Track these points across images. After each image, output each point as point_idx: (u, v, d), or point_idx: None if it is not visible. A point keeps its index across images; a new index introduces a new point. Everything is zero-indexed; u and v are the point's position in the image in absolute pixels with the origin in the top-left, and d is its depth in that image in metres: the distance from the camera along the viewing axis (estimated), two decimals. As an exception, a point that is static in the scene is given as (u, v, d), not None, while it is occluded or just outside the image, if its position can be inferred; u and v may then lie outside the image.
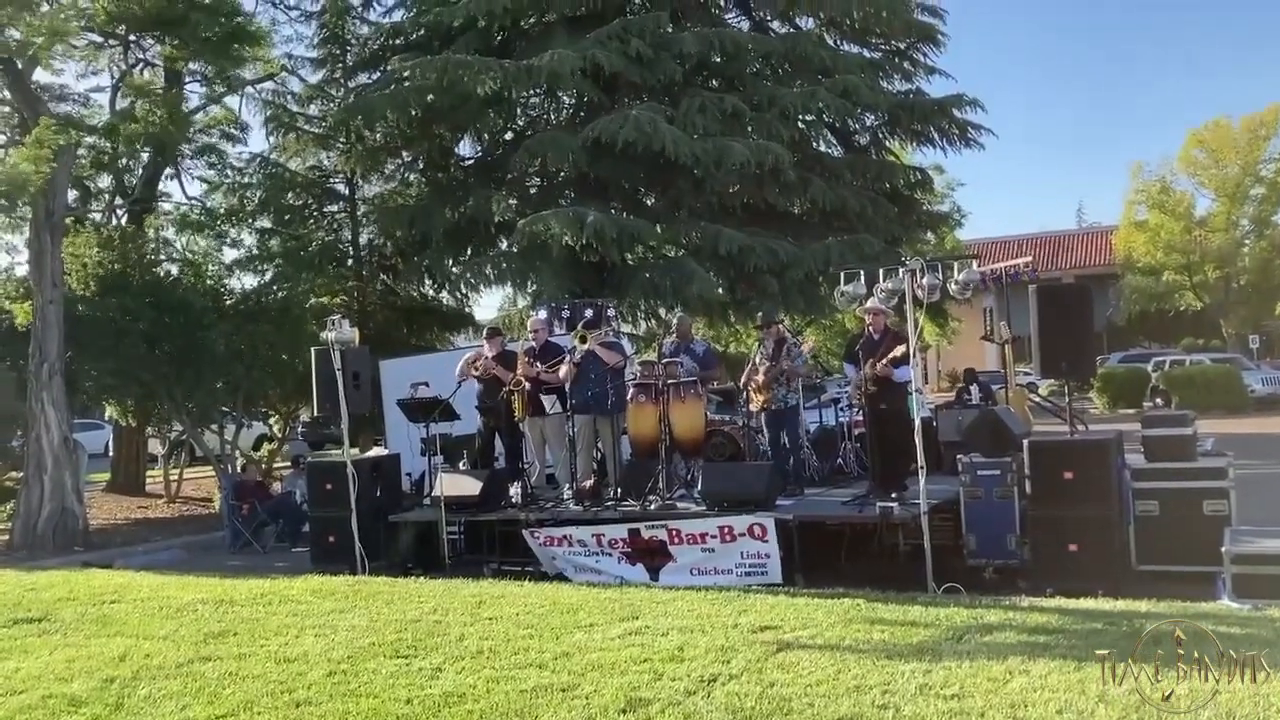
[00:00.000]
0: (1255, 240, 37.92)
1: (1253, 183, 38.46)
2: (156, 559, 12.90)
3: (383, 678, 5.96)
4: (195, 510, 17.69)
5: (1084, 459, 8.01)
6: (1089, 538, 7.93)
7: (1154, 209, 39.43)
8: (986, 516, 8.70)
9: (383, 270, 22.09)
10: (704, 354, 11.23)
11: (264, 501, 13.73)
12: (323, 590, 9.19)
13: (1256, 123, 37.93)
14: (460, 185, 20.97)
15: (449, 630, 7.18)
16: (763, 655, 5.99)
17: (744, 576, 8.98)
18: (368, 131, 20.79)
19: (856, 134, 22.19)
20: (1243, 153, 38.06)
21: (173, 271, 17.29)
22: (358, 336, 10.88)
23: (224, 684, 6.04)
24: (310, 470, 11.66)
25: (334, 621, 7.73)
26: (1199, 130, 39.23)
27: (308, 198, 21.53)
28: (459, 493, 10.30)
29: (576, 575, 9.66)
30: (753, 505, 9.07)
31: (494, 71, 17.87)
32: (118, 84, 19.91)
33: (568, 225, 16.98)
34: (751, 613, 7.22)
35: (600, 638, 6.69)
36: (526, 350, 10.90)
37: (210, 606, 8.63)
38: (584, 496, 10.09)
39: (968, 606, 7.10)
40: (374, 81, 21.33)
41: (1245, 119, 38.31)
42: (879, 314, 9.41)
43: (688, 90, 18.95)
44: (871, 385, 9.25)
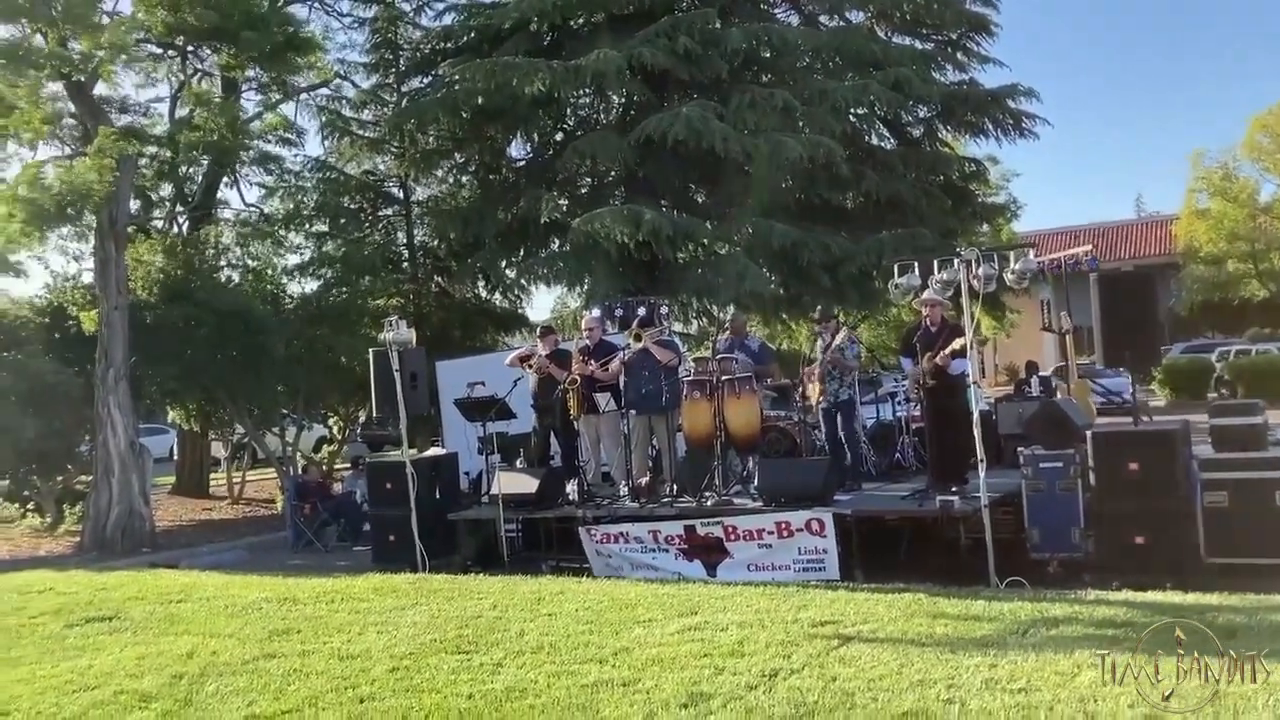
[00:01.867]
0: (1322, 226, 36.94)
1: (1320, 167, 37.53)
2: (221, 559, 13.11)
3: (444, 674, 6.00)
4: (258, 511, 17.98)
5: (1150, 450, 7.87)
6: (1156, 530, 7.78)
7: (1216, 196, 38.60)
8: (1049, 509, 8.59)
9: (437, 272, 22.29)
10: (759, 350, 11.18)
11: (325, 502, 13.91)
12: (384, 588, 9.27)
13: (1323, 106, 37.01)
14: (511, 186, 21.09)
15: (509, 626, 7.21)
16: (824, 650, 5.94)
17: (801, 572, 8.93)
18: (420, 135, 21.01)
19: (909, 126, 21.98)
20: (1309, 137, 37.16)
21: (234, 278, 17.55)
22: (415, 337, 10.96)
23: (288, 680, 6.12)
24: (370, 470, 11.80)
25: (395, 618, 7.80)
26: (1263, 115, 38.29)
27: (363, 201, 21.79)
28: (516, 491, 10.36)
29: (632, 572, 9.66)
30: (810, 501, 9.02)
31: (542, 73, 17.94)
32: (176, 94, 20.32)
33: (623, 223, 17.00)
34: (811, 608, 7.16)
35: (659, 633, 6.68)
36: (581, 348, 10.93)
37: (274, 605, 8.75)
38: (640, 493, 10.10)
39: (1032, 600, 6.99)
40: (426, 85, 21.57)
41: (1312, 103, 37.40)
42: (935, 306, 9.30)
43: (737, 86, 18.89)
44: (929, 378, 9.15)
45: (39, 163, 14.58)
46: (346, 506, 13.85)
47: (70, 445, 15.93)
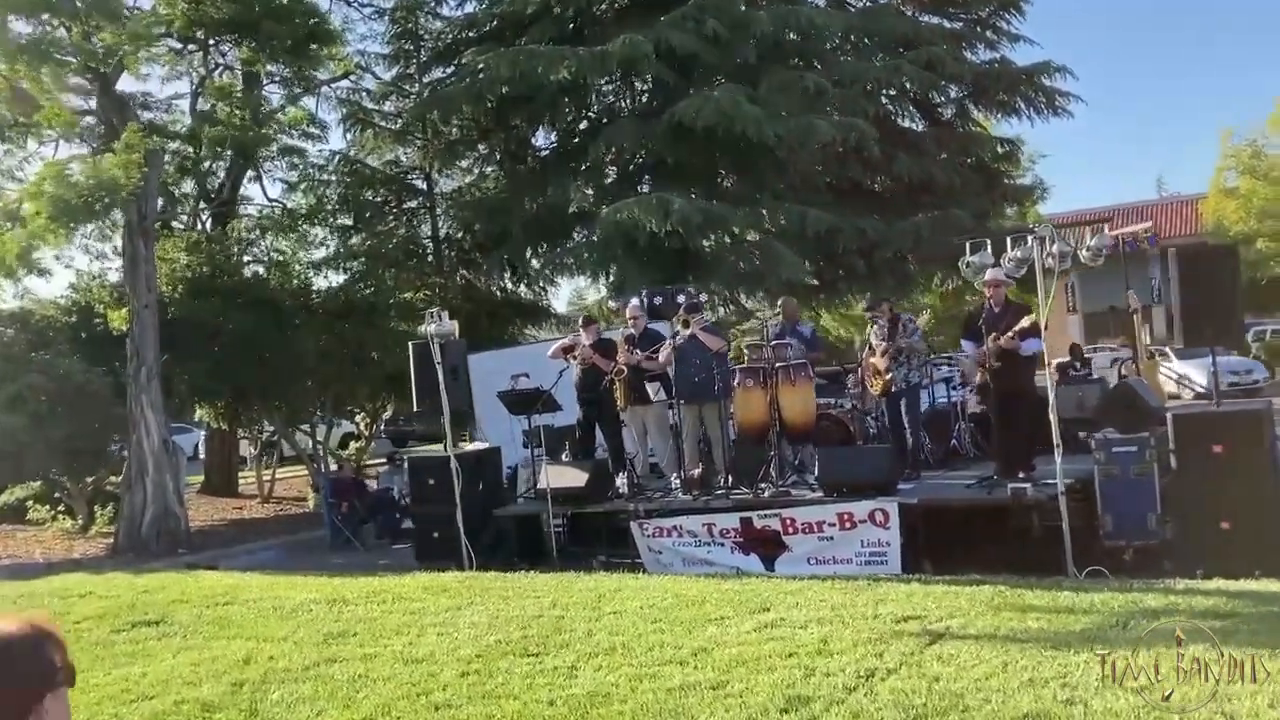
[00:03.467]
0: (1353, 203, 36.34)
1: (1349, 143, 36.94)
2: (258, 559, 12.89)
3: (518, 678, 5.74)
4: (289, 510, 17.77)
5: (1235, 431, 7.54)
6: (1242, 515, 7.45)
7: (1245, 175, 38.06)
8: (1124, 495, 8.29)
9: (462, 264, 22.04)
10: (810, 336, 10.89)
11: (362, 499, 13.67)
12: (435, 587, 9.01)
13: (1352, 80, 36.41)
14: (537, 176, 20.82)
15: (574, 626, 6.94)
16: (916, 648, 5.65)
17: (864, 565, 8.65)
18: (443, 126, 20.75)
19: (940, 106, 21.62)
20: (1339, 112, 36.57)
21: (260, 272, 17.31)
22: (457, 329, 10.69)
23: (355, 687, 5.86)
24: (413, 466, 11.54)
25: (453, 619, 7.53)
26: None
27: (386, 194, 21.56)
28: (565, 484, 10.09)
29: (686, 568, 9.39)
30: (874, 490, 8.73)
31: (568, 60, 17.63)
32: (198, 89, 20.05)
33: (652, 212, 16.69)
34: (889, 602, 6.87)
35: (735, 631, 6.40)
36: (626, 337, 10.65)
37: (324, 606, 8.50)
38: (692, 485, 9.81)
39: (1121, 590, 6.69)
40: (448, 75, 21.28)
41: (1341, 76, 36.82)
42: (999, 285, 8.97)
43: (766, 70, 18.56)
44: (995, 360, 8.82)
45: (63, 160, 14.38)
46: (383, 504, 13.62)
47: (100, 446, 15.72)
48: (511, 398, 10.87)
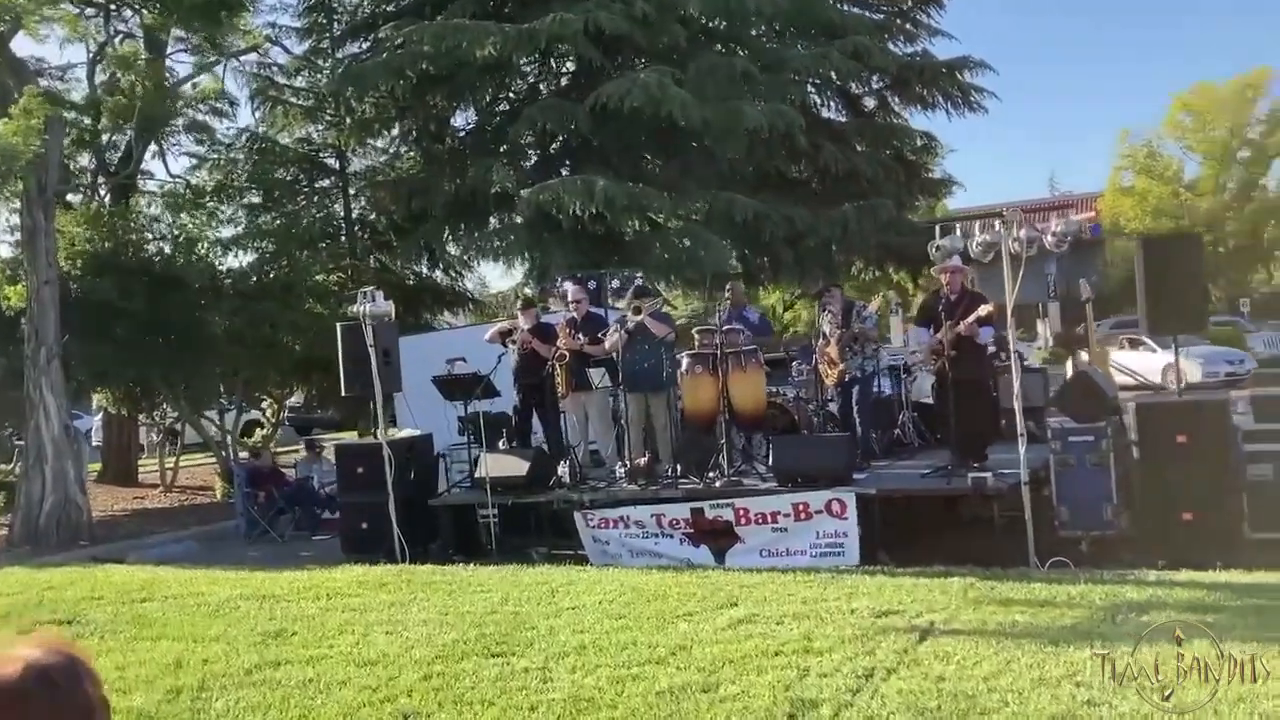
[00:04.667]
0: (1242, 203, 37.72)
1: (1239, 145, 38.33)
2: (170, 552, 12.14)
3: (488, 681, 5.34)
4: (195, 500, 16.93)
5: (1199, 421, 7.51)
6: (1205, 505, 7.42)
7: (1141, 174, 39.22)
8: (1080, 485, 8.21)
9: (376, 246, 21.32)
10: (759, 322, 10.66)
11: (280, 489, 13.01)
12: (370, 581, 8.52)
13: (1243, 85, 37.74)
14: (456, 157, 20.24)
15: (533, 623, 6.56)
16: (906, 645, 5.42)
17: (819, 557, 8.42)
18: (358, 103, 20.01)
19: (863, 97, 21.61)
20: (1230, 115, 37.89)
21: (165, 250, 16.40)
22: (394, 310, 10.17)
23: (308, 693, 5.39)
24: (340, 454, 10.99)
25: (400, 616, 7.08)
26: (1185, 94, 39.03)
27: (297, 172, 20.71)
28: (505, 473, 9.67)
29: (632, 560, 9.07)
30: (830, 480, 8.51)
31: (494, 36, 17.12)
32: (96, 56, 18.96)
33: (576, 194, 16.33)
34: (861, 596, 6.65)
35: (708, 628, 6.10)
36: (568, 321, 10.27)
37: (253, 603, 7.95)
38: (638, 475, 9.49)
39: (1097, 583, 6.56)
40: (364, 51, 20.56)
41: (1232, 81, 38.11)
42: (957, 273, 8.84)
43: (693, 53, 18.30)
44: (951, 349, 8.67)
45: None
46: (303, 493, 12.99)
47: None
48: (448, 382, 10.39)
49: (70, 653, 1.56)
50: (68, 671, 1.51)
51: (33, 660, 1.50)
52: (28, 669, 1.48)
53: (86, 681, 1.53)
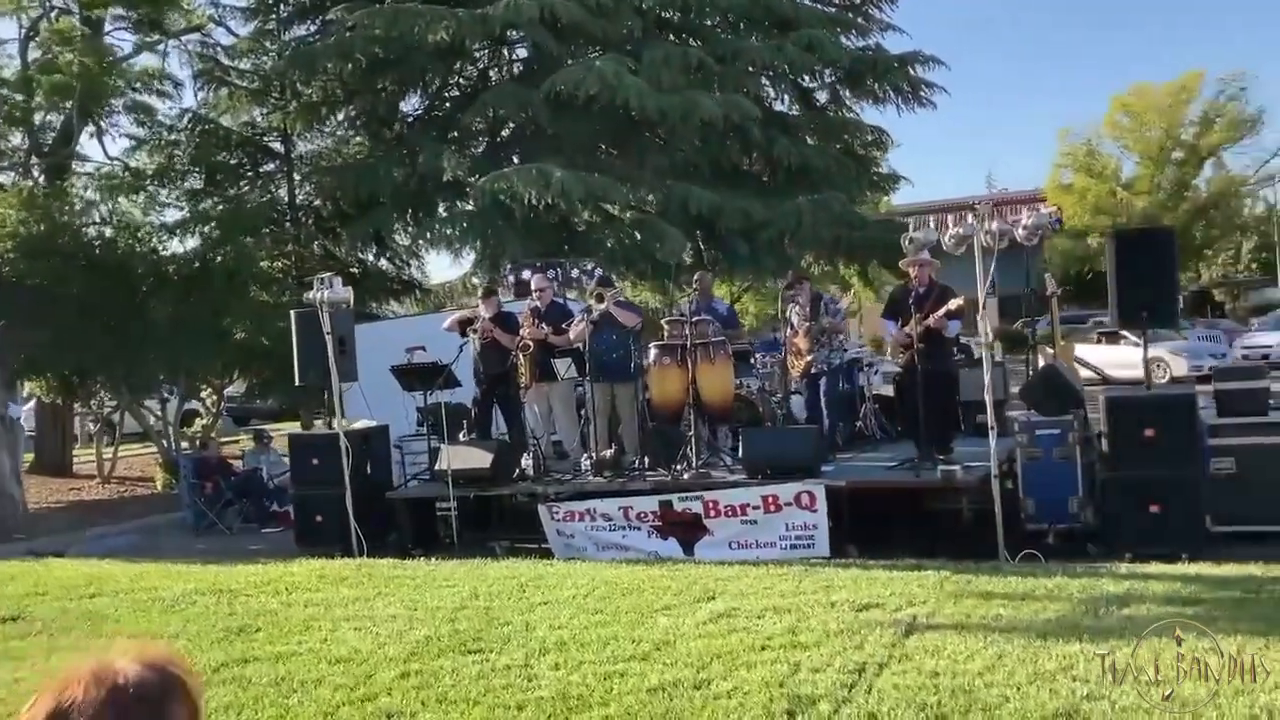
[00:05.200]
0: (1176, 202, 38.47)
1: (1173, 146, 39.08)
2: (113, 545, 11.77)
3: (469, 679, 5.18)
4: (135, 491, 16.46)
5: (1166, 416, 7.56)
6: (1172, 499, 7.48)
7: (1080, 172, 39.86)
8: (1046, 478, 8.25)
9: (321, 233, 20.90)
10: (727, 313, 10.58)
11: (228, 480, 12.68)
12: (330, 575, 8.31)
13: (1178, 87, 38.49)
14: (406, 143, 19.90)
15: (507, 618, 6.41)
16: (894, 639, 5.36)
17: (788, 550, 8.37)
18: (303, 86, 19.60)
19: (816, 91, 21.62)
20: (1165, 116, 38.63)
21: (105, 234, 15.90)
22: (352, 297, 9.92)
23: (283, 692, 5.19)
24: (295, 445, 10.71)
25: (367, 612, 6.89)
26: (1123, 95, 39.72)
27: (241, 156, 20.22)
28: (468, 466, 9.48)
29: (599, 553, 8.93)
30: (799, 472, 8.46)
31: (446, 21, 16.85)
32: (29, 33, 18.37)
33: (532, 183, 16.11)
34: (838, 589, 6.59)
35: (689, 623, 6.00)
36: (532, 310, 10.11)
37: (210, 598, 7.70)
38: (603, 467, 9.36)
39: (1073, 576, 6.58)
40: (312, 33, 20.13)
41: (1167, 84, 38.86)
42: (925, 266, 8.84)
43: (648, 43, 18.17)
44: (920, 341, 8.66)
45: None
46: (252, 485, 12.66)
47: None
48: (407, 372, 10.17)
49: (164, 666, 1.41)
50: (157, 689, 1.37)
51: (120, 679, 1.35)
52: (113, 690, 1.34)
53: (174, 700, 1.39)
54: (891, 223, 22.97)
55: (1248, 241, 46.83)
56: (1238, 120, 38.59)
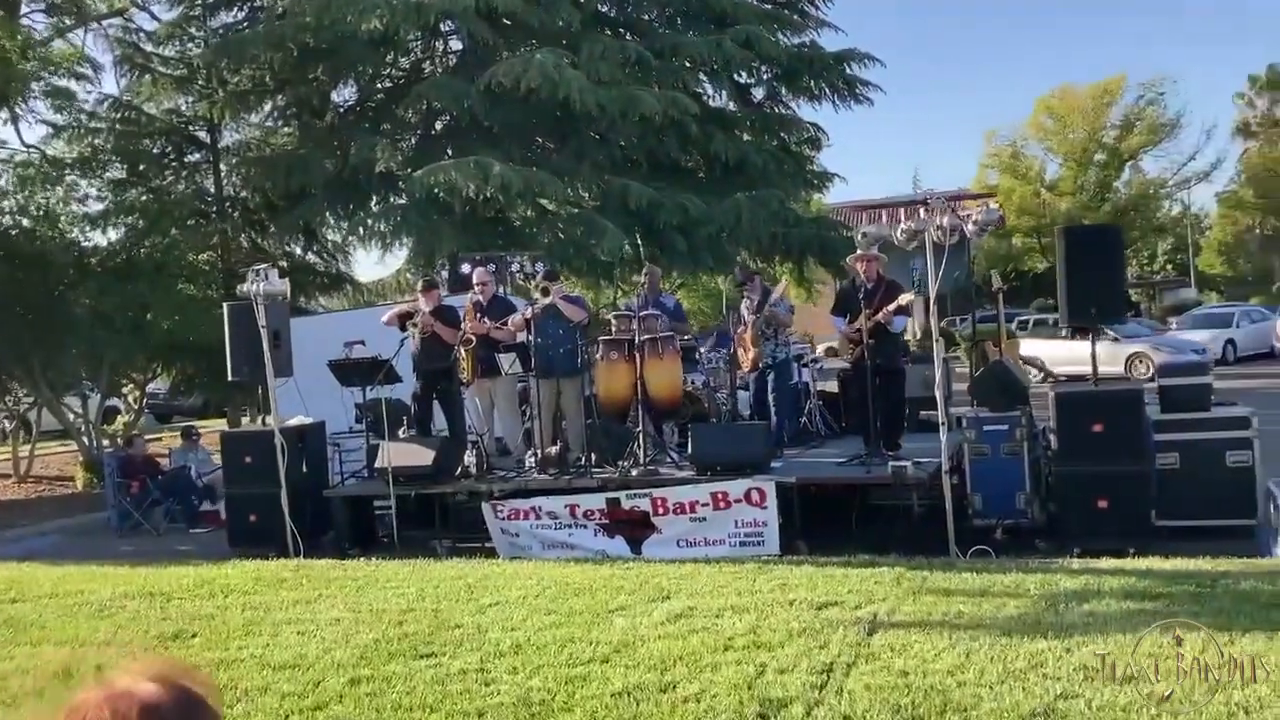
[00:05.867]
0: (1098, 203, 39.34)
1: (1096, 148, 39.97)
2: (32, 547, 11.28)
3: (424, 684, 4.99)
4: (54, 490, 15.84)
5: (1114, 411, 7.60)
6: (1119, 494, 7.53)
7: (1005, 173, 40.60)
8: (994, 474, 8.27)
9: (248, 225, 20.37)
10: (675, 308, 10.45)
11: (155, 479, 12.24)
12: (267, 577, 8.03)
13: (1100, 90, 39.39)
14: (337, 134, 19.47)
15: (458, 620, 6.22)
16: (858, 639, 5.28)
17: (738, 547, 8.26)
18: (230, 74, 19.07)
19: (753, 87, 21.60)
20: (1088, 119, 39.49)
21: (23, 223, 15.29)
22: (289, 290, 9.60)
23: (226, 701, 4.92)
24: (227, 442, 10.35)
25: (307, 615, 6.65)
26: (1047, 97, 40.53)
27: (165, 145, 19.61)
28: (409, 463, 9.23)
29: (545, 552, 8.75)
30: (749, 469, 8.37)
31: (380, 9, 16.46)
32: (-64, 13, 17.58)
33: (471, 176, 15.84)
34: (794, 587, 6.51)
35: (646, 623, 5.87)
36: (474, 304, 9.89)
37: (141, 602, 7.39)
38: (549, 464, 9.17)
39: (1029, 572, 6.57)
40: (240, 20, 19.59)
41: (1090, 87, 39.74)
42: (873, 261, 8.80)
43: (586, 36, 17.98)
44: (869, 337, 8.61)
45: None
46: (179, 484, 12.23)
47: None
48: (346, 367, 9.89)
49: (184, 687, 1.25)
50: (177, 713, 1.20)
51: (136, 706, 1.18)
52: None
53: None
54: (827, 220, 23.10)
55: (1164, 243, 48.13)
56: (1157, 124, 39.61)
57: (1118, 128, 39.75)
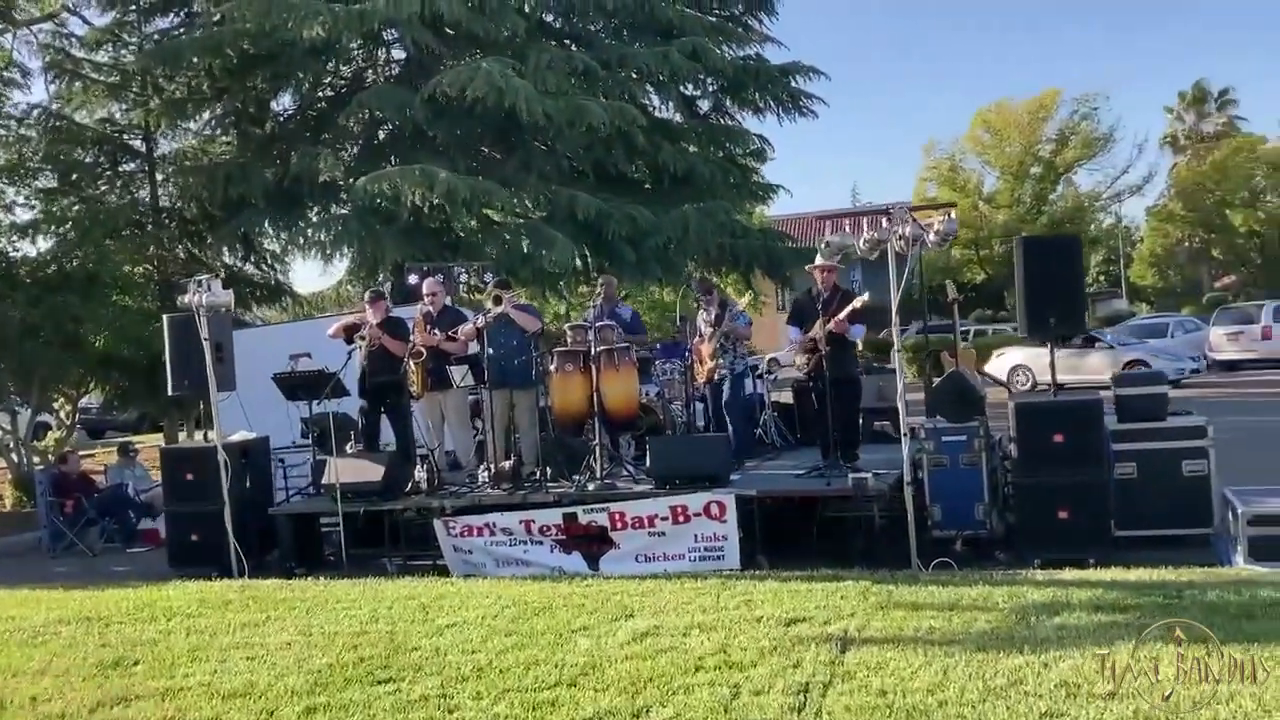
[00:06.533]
0: (1035, 216, 39.88)
1: (1032, 162, 40.58)
2: (-45, 570, 10.82)
3: (385, 712, 4.79)
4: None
5: (1075, 421, 7.59)
6: (1080, 504, 7.51)
7: (944, 186, 41.05)
8: (952, 485, 8.23)
9: (185, 236, 19.87)
10: (631, 319, 10.29)
11: (90, 497, 11.80)
12: (211, 599, 7.74)
13: (1036, 105, 40.02)
14: (277, 143, 19.09)
15: (414, 643, 6.01)
16: (830, 657, 5.17)
17: (697, 561, 8.12)
18: (166, 82, 18.63)
19: (699, 99, 21.55)
20: (1024, 133, 40.10)
21: (-53, 233, 14.76)
22: (232, 301, 9.30)
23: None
24: (167, 459, 9.99)
25: (256, 639, 6.39)
26: (985, 111, 41.07)
27: (98, 154, 19.06)
28: (358, 479, 8.98)
29: (499, 569, 8.55)
30: (708, 481, 8.24)
31: (323, 16, 16.15)
32: None
33: (415, 184, 15.57)
34: (760, 604, 6.39)
35: (611, 643, 5.70)
36: (424, 315, 9.66)
37: (78, 627, 7.07)
38: (502, 479, 8.97)
39: (995, 584, 6.51)
40: (176, 26, 19.14)
41: (1026, 102, 40.35)
42: (830, 270, 8.73)
43: (533, 45, 17.80)
44: (826, 345, 8.52)
45: None
46: (116, 502, 11.81)
47: None
48: (292, 381, 9.60)
49: None
50: None
51: None
52: None
53: None
54: (773, 232, 23.15)
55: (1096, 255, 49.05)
56: (1090, 139, 40.32)
57: (1053, 142, 40.37)
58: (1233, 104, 50.13)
